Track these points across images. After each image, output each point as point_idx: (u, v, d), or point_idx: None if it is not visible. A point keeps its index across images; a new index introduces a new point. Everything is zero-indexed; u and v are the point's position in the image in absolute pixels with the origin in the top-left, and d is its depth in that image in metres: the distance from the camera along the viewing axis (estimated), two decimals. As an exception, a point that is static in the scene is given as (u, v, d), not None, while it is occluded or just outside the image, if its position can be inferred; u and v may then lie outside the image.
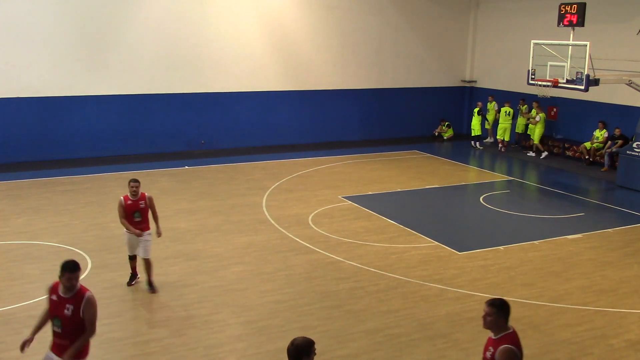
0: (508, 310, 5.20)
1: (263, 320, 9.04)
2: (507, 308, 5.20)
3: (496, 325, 5.17)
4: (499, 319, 5.16)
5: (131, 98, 20.14)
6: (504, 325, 5.18)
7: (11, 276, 10.52)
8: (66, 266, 6.03)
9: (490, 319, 5.17)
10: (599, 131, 19.60)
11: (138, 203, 9.92)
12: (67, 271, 6.00)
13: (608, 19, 19.21)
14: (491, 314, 5.16)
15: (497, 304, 5.18)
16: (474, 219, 14.43)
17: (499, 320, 5.16)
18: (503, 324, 5.17)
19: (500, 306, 5.17)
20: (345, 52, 23.00)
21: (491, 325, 5.18)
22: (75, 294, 6.07)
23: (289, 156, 20.52)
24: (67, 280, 6.00)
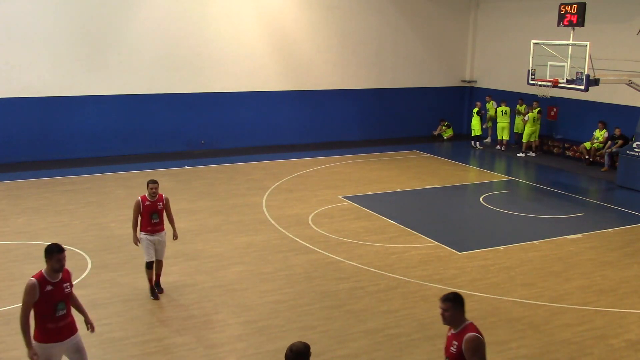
0: (463, 302, 5.25)
1: (263, 320, 9.04)
2: (462, 300, 5.25)
3: (455, 319, 5.22)
4: (456, 312, 5.21)
5: (131, 98, 20.15)
6: (462, 318, 5.24)
7: (11, 276, 10.52)
8: (55, 248, 6.24)
9: (449, 314, 5.21)
10: (599, 131, 19.60)
11: (156, 204, 9.92)
12: (58, 252, 6.22)
13: (608, 19, 19.21)
14: (448, 309, 5.20)
15: (451, 298, 5.22)
16: (474, 219, 14.43)
17: (456, 314, 5.21)
18: (461, 316, 5.23)
19: (454, 299, 5.21)
20: (345, 52, 23.00)
21: (450, 320, 5.22)
22: (64, 272, 6.38)
23: (289, 156, 20.52)
24: (59, 261, 6.21)
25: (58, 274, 6.30)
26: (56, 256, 6.21)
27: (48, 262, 6.27)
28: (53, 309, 6.27)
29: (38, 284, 6.20)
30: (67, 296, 6.43)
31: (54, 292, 6.26)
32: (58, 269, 6.26)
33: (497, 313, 9.38)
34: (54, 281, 6.28)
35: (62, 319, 6.38)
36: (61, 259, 6.24)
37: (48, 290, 6.22)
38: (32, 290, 6.17)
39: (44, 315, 6.28)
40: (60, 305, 6.33)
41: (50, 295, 6.24)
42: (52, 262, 6.24)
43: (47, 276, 6.27)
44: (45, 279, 6.25)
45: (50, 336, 6.32)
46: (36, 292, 6.18)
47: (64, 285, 6.36)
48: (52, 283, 6.26)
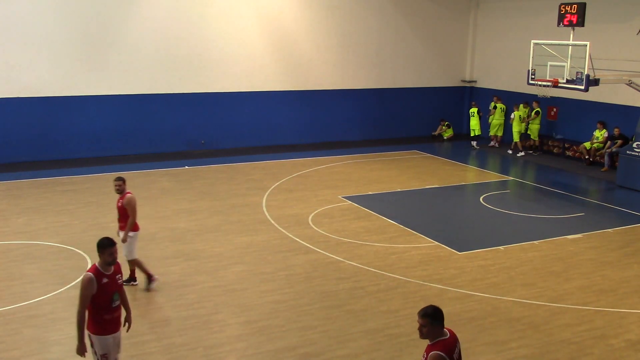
0: (441, 316, 5.21)
1: (263, 320, 9.05)
2: (440, 315, 5.21)
3: (433, 334, 5.20)
4: (434, 328, 5.18)
5: (131, 98, 20.15)
6: (440, 332, 5.21)
7: (11, 276, 10.52)
8: (107, 242, 6.53)
9: (426, 329, 5.19)
10: (598, 131, 19.60)
11: (118, 201, 9.95)
12: (110, 246, 6.50)
13: (608, 19, 19.22)
14: (426, 324, 5.18)
15: (429, 314, 5.19)
16: (474, 219, 14.43)
17: (434, 329, 5.18)
18: (438, 331, 5.20)
19: (432, 315, 5.18)
20: (345, 52, 23.00)
21: (427, 335, 5.21)
22: (114, 266, 6.62)
23: (289, 156, 20.52)
24: (111, 255, 6.50)
25: (111, 266, 6.55)
26: (108, 250, 6.48)
27: (101, 256, 6.53)
28: (109, 300, 6.51)
29: (95, 277, 6.41)
30: (120, 287, 6.70)
31: (109, 283, 6.49)
32: (111, 262, 6.51)
33: (497, 313, 9.38)
34: (108, 273, 6.52)
35: (117, 310, 6.65)
36: (113, 252, 6.51)
37: (104, 282, 6.46)
38: (90, 283, 6.39)
39: (101, 307, 6.48)
40: (115, 296, 6.59)
41: (107, 287, 6.47)
42: (104, 255, 6.49)
43: (102, 269, 6.51)
44: (100, 272, 6.48)
45: (108, 327, 6.57)
46: (94, 285, 6.39)
47: (117, 277, 6.63)
48: (106, 275, 6.50)
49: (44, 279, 10.42)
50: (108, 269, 6.54)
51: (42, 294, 9.84)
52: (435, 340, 5.18)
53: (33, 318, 9.04)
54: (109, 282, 6.49)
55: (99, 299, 6.43)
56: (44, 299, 9.69)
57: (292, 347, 8.30)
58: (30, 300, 9.61)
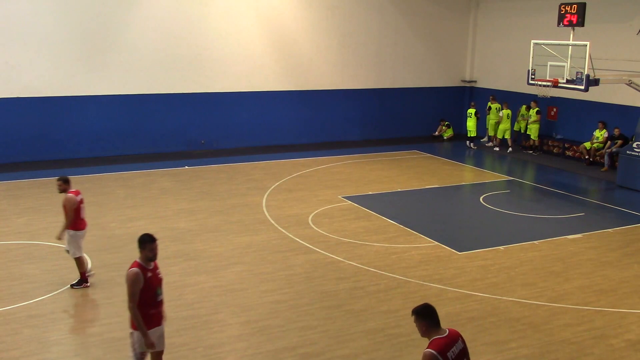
0: (430, 313, 5.16)
1: (263, 320, 9.04)
2: (427, 312, 5.17)
3: (422, 332, 5.18)
4: (421, 325, 5.16)
5: (131, 98, 20.15)
6: (435, 329, 5.16)
7: (11, 276, 10.52)
8: (149, 238, 6.63)
9: (416, 326, 5.20)
10: (599, 131, 19.60)
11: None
12: (151, 242, 6.61)
13: (608, 19, 19.22)
14: (415, 322, 5.19)
15: (415, 311, 5.19)
16: (474, 219, 14.43)
17: (422, 327, 5.16)
18: (428, 329, 5.16)
19: (418, 313, 5.17)
20: (345, 52, 23.00)
21: (423, 333, 5.20)
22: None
23: (289, 156, 20.52)
24: (152, 250, 6.59)
25: (151, 262, 6.66)
26: (149, 246, 6.58)
27: (142, 252, 6.63)
28: (154, 294, 6.64)
29: (141, 272, 6.53)
30: (161, 281, 6.77)
31: (152, 278, 6.62)
32: (152, 258, 6.62)
33: (497, 313, 9.38)
34: (150, 268, 6.64)
35: (161, 304, 6.77)
36: (154, 248, 6.61)
37: (149, 277, 6.58)
38: (137, 279, 6.50)
39: (147, 302, 6.58)
40: (159, 291, 6.71)
41: (151, 282, 6.59)
42: (145, 251, 6.60)
43: (144, 264, 6.62)
44: (143, 267, 6.59)
45: (153, 321, 6.69)
46: (141, 280, 6.51)
47: (157, 272, 6.73)
48: (149, 270, 6.62)
49: (44, 279, 10.42)
50: (149, 264, 6.64)
51: (42, 294, 9.84)
52: (431, 338, 5.15)
53: (33, 318, 9.04)
54: (152, 277, 6.61)
55: (144, 294, 6.54)
56: (44, 299, 9.69)
57: (292, 347, 8.30)
58: (30, 300, 9.61)
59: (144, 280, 6.51)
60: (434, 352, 5.01)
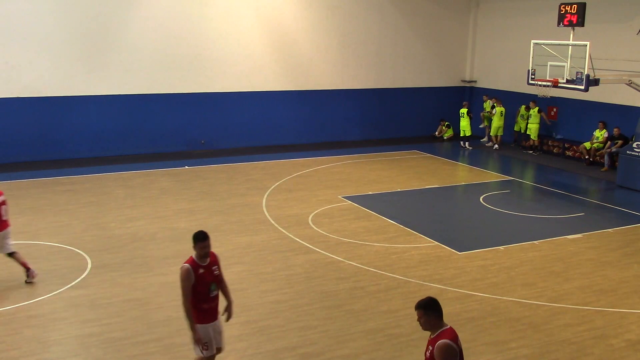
0: (436, 307, 5.20)
1: (263, 320, 9.04)
2: (434, 306, 5.20)
3: (430, 325, 5.20)
4: (430, 319, 5.17)
5: (131, 98, 20.15)
6: (439, 323, 5.20)
7: (11, 276, 10.51)
8: (200, 236, 6.70)
9: (423, 321, 5.20)
10: (599, 131, 19.61)
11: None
12: (201, 240, 6.68)
13: (608, 19, 19.22)
14: (422, 316, 5.19)
15: (422, 305, 5.19)
16: (474, 219, 14.43)
17: (431, 320, 5.18)
18: (437, 321, 5.19)
19: (425, 306, 5.18)
20: (345, 52, 23.00)
21: (427, 326, 5.21)
22: (211, 257, 6.84)
23: (289, 156, 20.52)
24: (203, 248, 6.69)
25: (205, 258, 6.77)
26: (200, 244, 6.70)
27: (195, 248, 6.76)
28: (207, 290, 6.77)
29: (192, 268, 6.67)
30: (217, 278, 6.89)
31: (205, 274, 6.74)
32: (203, 255, 6.74)
33: (497, 313, 9.38)
34: (204, 264, 6.76)
35: (215, 300, 6.89)
36: (205, 246, 6.71)
37: (201, 273, 6.71)
38: (187, 275, 6.64)
39: (200, 297, 6.74)
40: (213, 287, 6.83)
41: (204, 278, 6.72)
42: (197, 248, 6.72)
43: (198, 260, 6.75)
44: (196, 263, 6.73)
45: (207, 317, 6.84)
46: (192, 276, 6.65)
47: (213, 268, 6.84)
48: (202, 266, 6.74)
49: (44, 279, 10.42)
50: (203, 260, 6.75)
51: (42, 294, 9.84)
52: (437, 331, 5.16)
53: (33, 318, 9.04)
54: (205, 273, 6.72)
55: (197, 289, 6.68)
56: (44, 299, 9.69)
57: (292, 347, 8.30)
58: (30, 300, 9.61)
59: (196, 276, 6.65)
60: (451, 343, 5.05)
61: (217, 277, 6.89)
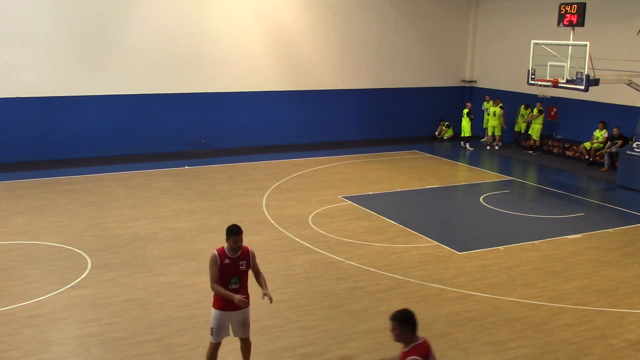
0: (411, 320, 5.12)
1: (263, 320, 9.04)
2: (410, 319, 5.12)
3: (404, 338, 5.14)
4: (404, 332, 5.11)
5: (131, 98, 20.15)
6: (412, 337, 5.13)
7: (11, 276, 10.52)
8: (234, 230, 7.01)
9: (396, 332, 5.14)
10: (599, 131, 19.61)
11: None
12: (234, 234, 6.98)
13: (608, 19, 19.22)
14: (395, 328, 5.12)
15: (398, 317, 5.12)
16: (474, 219, 14.43)
17: (404, 333, 5.12)
18: (410, 335, 5.12)
19: (401, 319, 5.11)
20: (345, 52, 23.00)
21: (399, 339, 5.16)
22: (242, 252, 7.09)
23: (289, 156, 20.52)
24: (234, 242, 6.97)
25: (236, 252, 7.04)
26: (232, 237, 6.98)
27: (227, 241, 7.05)
28: (227, 281, 7.02)
29: (218, 256, 7.00)
30: (242, 273, 7.09)
31: (230, 266, 6.99)
32: (235, 249, 7.01)
33: (497, 313, 9.38)
34: (233, 257, 7.02)
35: (236, 292, 7.02)
36: (237, 240, 6.98)
37: (226, 263, 6.99)
38: (213, 261, 7.01)
39: (220, 285, 7.01)
40: (234, 280, 7.04)
41: (227, 268, 6.98)
42: (229, 241, 7.01)
43: (227, 251, 7.05)
44: (225, 253, 7.03)
45: (224, 305, 7.09)
46: (217, 262, 6.98)
47: (240, 263, 7.06)
48: (230, 258, 7.01)
49: (44, 279, 10.42)
50: (233, 253, 7.01)
51: (42, 294, 9.84)
52: (409, 346, 5.10)
53: (33, 318, 9.04)
54: (230, 264, 6.98)
55: (220, 277, 6.97)
56: (44, 299, 9.69)
57: (292, 347, 8.30)
58: (30, 300, 9.61)
59: (221, 264, 6.94)
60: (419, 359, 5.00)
61: (242, 272, 7.08)
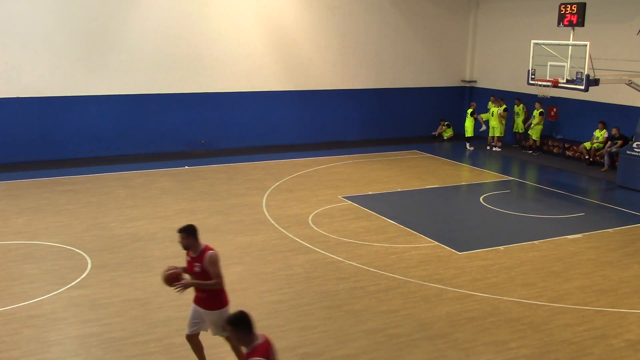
0: (246, 322, 5.12)
1: (263, 320, 9.03)
2: (244, 321, 5.11)
3: (242, 341, 5.15)
4: (241, 335, 5.12)
5: (131, 98, 20.15)
6: (250, 338, 5.13)
7: (11, 276, 10.52)
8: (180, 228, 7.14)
9: (234, 337, 5.16)
10: (599, 131, 19.61)
11: None
12: (178, 232, 7.09)
13: (608, 19, 19.21)
14: (232, 332, 5.14)
15: (232, 322, 5.12)
16: (474, 219, 14.43)
17: (241, 336, 5.12)
18: (248, 337, 5.12)
19: (235, 323, 5.11)
20: (345, 52, 23.00)
21: (239, 342, 5.18)
22: (200, 253, 7.11)
23: (289, 156, 20.52)
24: (180, 240, 7.10)
25: (193, 251, 7.15)
26: (179, 235, 7.12)
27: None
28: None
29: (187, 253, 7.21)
30: (196, 274, 7.15)
31: (189, 263, 7.22)
32: (184, 247, 7.15)
33: (497, 313, 9.38)
34: (192, 256, 7.17)
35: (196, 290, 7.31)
36: (181, 238, 7.09)
37: (187, 260, 7.24)
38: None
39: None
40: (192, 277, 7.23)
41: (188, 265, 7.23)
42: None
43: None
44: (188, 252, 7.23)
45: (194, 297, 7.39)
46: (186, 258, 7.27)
47: (195, 264, 7.13)
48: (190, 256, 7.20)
49: (44, 279, 10.42)
50: (191, 252, 7.16)
51: (42, 294, 9.85)
52: (250, 346, 5.11)
53: (33, 318, 9.04)
54: (189, 262, 7.20)
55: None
56: (44, 299, 9.69)
57: (292, 347, 8.30)
58: (30, 300, 9.61)
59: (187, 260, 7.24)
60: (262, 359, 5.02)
61: (196, 273, 7.13)
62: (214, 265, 7.06)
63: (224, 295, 7.35)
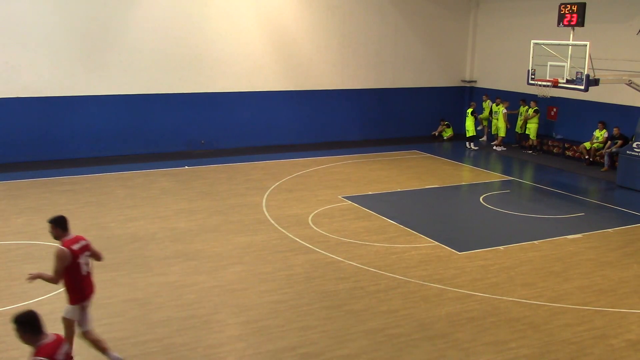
0: (31, 322, 5.12)
1: (263, 320, 9.04)
2: (29, 321, 5.11)
3: (26, 340, 5.14)
4: (26, 334, 5.11)
5: (131, 98, 20.15)
6: (37, 337, 5.12)
7: (11, 276, 10.52)
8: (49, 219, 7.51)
9: (19, 335, 5.13)
10: (599, 131, 19.61)
11: None
12: (47, 221, 7.50)
13: (608, 19, 19.22)
14: (16, 331, 5.12)
15: (17, 321, 5.10)
16: (474, 219, 14.43)
17: (26, 335, 5.12)
18: (33, 336, 5.12)
19: (20, 322, 5.10)
20: (345, 52, 23.00)
21: (23, 341, 5.16)
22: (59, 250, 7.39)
23: (289, 156, 20.52)
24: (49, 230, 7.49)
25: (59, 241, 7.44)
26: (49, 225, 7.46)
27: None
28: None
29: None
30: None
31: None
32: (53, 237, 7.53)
33: (497, 313, 9.38)
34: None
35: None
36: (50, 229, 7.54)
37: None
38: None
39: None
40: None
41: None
42: None
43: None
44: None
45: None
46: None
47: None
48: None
49: (44, 279, 10.41)
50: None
51: (42, 294, 9.84)
52: (36, 346, 5.10)
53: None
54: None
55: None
56: (44, 299, 9.69)
57: (292, 347, 8.30)
58: (30, 300, 9.61)
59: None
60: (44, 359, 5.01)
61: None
62: (55, 260, 7.26)
63: (74, 293, 7.44)
